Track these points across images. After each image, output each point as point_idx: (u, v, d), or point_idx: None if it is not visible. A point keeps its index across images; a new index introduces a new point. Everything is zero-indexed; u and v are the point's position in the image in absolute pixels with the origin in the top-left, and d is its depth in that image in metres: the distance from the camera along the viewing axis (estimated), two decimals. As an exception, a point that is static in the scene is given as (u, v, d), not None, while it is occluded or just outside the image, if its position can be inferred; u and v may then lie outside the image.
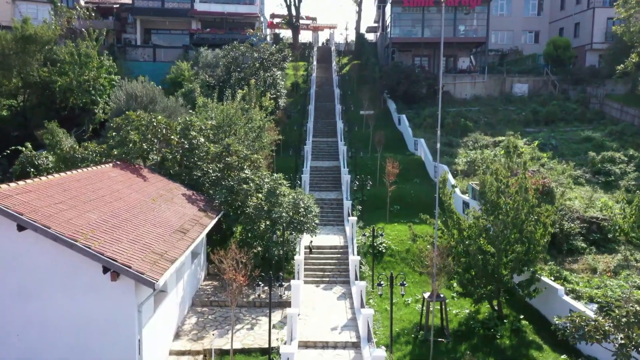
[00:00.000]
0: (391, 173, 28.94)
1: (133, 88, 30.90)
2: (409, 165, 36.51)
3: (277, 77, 41.36)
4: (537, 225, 19.21)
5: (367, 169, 36.97)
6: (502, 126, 42.03)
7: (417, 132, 41.97)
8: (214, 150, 25.33)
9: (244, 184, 23.87)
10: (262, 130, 31.18)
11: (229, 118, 29.93)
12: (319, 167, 37.79)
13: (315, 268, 25.47)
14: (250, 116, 31.08)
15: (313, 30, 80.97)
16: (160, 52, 49.70)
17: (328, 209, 32.24)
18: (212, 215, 22.50)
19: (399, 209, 31.25)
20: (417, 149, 40.22)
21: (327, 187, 35.60)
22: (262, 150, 30.75)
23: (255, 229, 23.69)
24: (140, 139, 24.55)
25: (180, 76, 42.86)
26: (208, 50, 43.99)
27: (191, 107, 35.39)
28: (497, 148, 37.39)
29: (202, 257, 23.56)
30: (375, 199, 32.09)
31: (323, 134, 45.47)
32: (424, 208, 31.46)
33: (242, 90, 35.28)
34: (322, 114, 49.13)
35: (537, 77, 50.29)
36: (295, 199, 23.79)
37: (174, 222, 18.93)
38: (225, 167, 24.81)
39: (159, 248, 15.75)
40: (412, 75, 47.35)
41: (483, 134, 39.89)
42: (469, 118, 42.60)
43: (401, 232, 27.89)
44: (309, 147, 40.40)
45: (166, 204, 20.60)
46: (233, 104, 31.37)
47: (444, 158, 36.00)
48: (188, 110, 33.35)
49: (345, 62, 66.35)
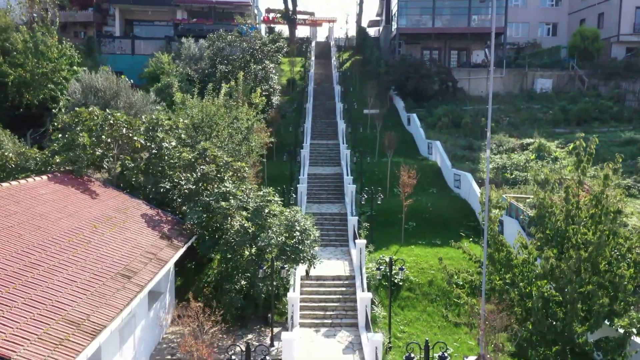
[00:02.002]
0: (407, 184, 23.59)
1: (92, 80, 25.52)
2: (423, 172, 31.05)
3: (270, 70, 36.02)
4: (623, 262, 13.89)
5: (374, 177, 31.64)
6: (527, 126, 36.74)
7: (430, 134, 36.66)
8: (187, 156, 19.97)
9: (222, 200, 18.51)
10: (250, 132, 25.85)
11: (209, 117, 24.59)
12: (318, 174, 32.46)
13: (314, 306, 20.11)
14: (235, 115, 25.75)
15: (311, 25, 75.57)
16: (139, 44, 44.31)
17: (329, 225, 26.89)
18: (180, 243, 17.14)
19: (415, 226, 25.92)
20: (431, 153, 34.91)
21: (328, 199, 30.25)
22: (249, 155, 25.40)
23: (236, 258, 18.36)
24: (92, 142, 19.20)
25: (159, 70, 37.47)
26: (191, 41, 38.58)
27: (168, 105, 30.05)
28: (526, 152, 32.06)
29: (167, 297, 18.17)
30: (386, 213, 26.76)
31: (322, 135, 40.14)
32: (444, 225, 26.18)
33: (227, 84, 29.95)
34: (322, 113, 43.82)
35: (562, 71, 45.03)
36: (289, 220, 18.44)
37: (118, 260, 13.56)
38: (201, 179, 19.45)
39: (79, 311, 10.38)
40: (423, 69, 42.04)
41: (507, 135, 34.58)
42: (489, 117, 37.22)
43: (421, 258, 22.55)
44: (307, 151, 35.05)
45: (113, 231, 15.23)
46: (216, 101, 26.04)
47: (465, 164, 30.67)
48: (163, 107, 28.01)
49: (347, 57, 61.02)
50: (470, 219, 26.60)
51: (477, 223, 26.21)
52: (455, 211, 27.30)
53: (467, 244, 23.88)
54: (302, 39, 68.18)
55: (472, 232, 25.33)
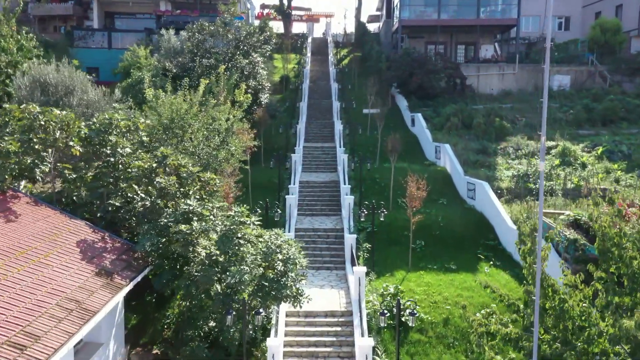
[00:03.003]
0: (416, 197, 19.57)
1: (42, 73, 21.51)
2: (431, 179, 26.88)
3: (258, 64, 32.01)
4: None
5: (375, 186, 27.66)
6: (546, 127, 32.71)
7: (437, 136, 32.68)
8: (142, 165, 15.97)
9: (184, 222, 14.53)
10: (229, 134, 21.89)
11: (180, 117, 20.62)
12: (312, 182, 28.47)
13: (302, 352, 16.11)
14: (211, 114, 21.79)
15: (307, 21, 71.60)
16: (117, 38, 40.27)
17: (323, 244, 22.91)
18: (124, 280, 13.14)
19: (425, 246, 21.94)
20: (439, 158, 30.93)
21: (322, 211, 26.26)
22: (227, 161, 21.43)
23: (201, 297, 14.38)
24: (20, 149, 15.22)
25: (135, 64, 33.49)
26: (171, 33, 34.57)
27: (139, 103, 26.10)
28: (548, 157, 28.04)
29: (111, 348, 14.14)
30: (390, 229, 22.77)
31: (317, 137, 36.16)
32: (459, 244, 22.20)
33: (206, 80, 25.99)
34: (317, 113, 39.84)
35: (580, 67, 41.05)
36: (269, 247, 14.44)
37: (16, 318, 9.57)
38: (159, 194, 15.45)
39: None
40: (428, 64, 38.05)
41: (525, 137, 30.60)
42: (503, 117, 33.31)
43: (433, 287, 18.54)
44: (299, 155, 31.08)
45: (26, 270, 11.24)
46: (192, 97, 22.07)
47: (480, 171, 26.65)
48: (127, 105, 24.03)
49: (345, 53, 57.05)
50: (488, 237, 22.63)
51: (497, 241, 22.27)
52: (470, 227, 23.32)
53: (487, 268, 19.96)
54: (297, 35, 64.39)
55: (492, 253, 21.34)
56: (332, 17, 71.59)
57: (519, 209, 22.86)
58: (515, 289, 18.22)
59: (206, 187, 16.32)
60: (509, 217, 21.92)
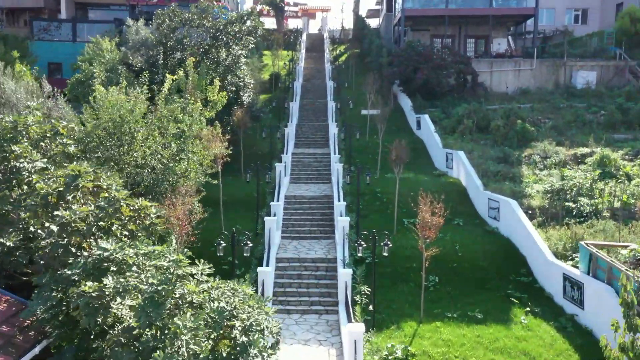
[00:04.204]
0: (431, 225, 14.79)
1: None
2: (442, 193, 22.25)
3: (239, 57, 27.27)
4: None
5: (376, 201, 22.98)
6: (575, 131, 28.10)
7: (448, 141, 27.99)
8: (47, 188, 11.25)
9: (97, 275, 9.83)
10: (187, 141, 17.21)
11: (121, 119, 15.96)
12: (300, 196, 23.76)
13: None
14: (166, 115, 17.13)
15: (303, 16, 66.92)
16: (83, 29, 35.58)
17: (310, 278, 18.24)
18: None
19: (439, 282, 17.22)
20: (450, 167, 26.26)
21: (312, 232, 21.54)
22: (186, 176, 16.75)
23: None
24: None
25: (98, 58, 28.73)
26: (140, 23, 29.84)
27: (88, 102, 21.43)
28: (583, 166, 23.29)
29: None
30: (395, 259, 18.01)
31: (309, 142, 31.52)
32: (482, 280, 17.50)
33: (172, 75, 21.39)
34: (310, 115, 35.22)
35: (607, 61, 36.38)
36: (221, 312, 9.72)
37: None
38: (62, 231, 10.72)
39: None
40: (435, 59, 33.39)
41: (553, 142, 25.88)
42: (524, 119, 28.60)
43: (454, 349, 13.78)
44: (287, 163, 26.45)
45: None
46: (137, 95, 17.38)
47: (504, 185, 21.91)
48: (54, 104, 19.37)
49: (342, 50, 52.36)
50: (519, 270, 17.92)
51: (532, 277, 17.57)
52: (495, 257, 18.62)
53: (524, 317, 15.23)
54: (291, 30, 59.85)
55: (527, 294, 16.61)
56: (328, 12, 66.78)
57: (557, 234, 18.16)
58: (565, 352, 13.52)
59: (141, 218, 11.59)
60: (546, 247, 17.19)
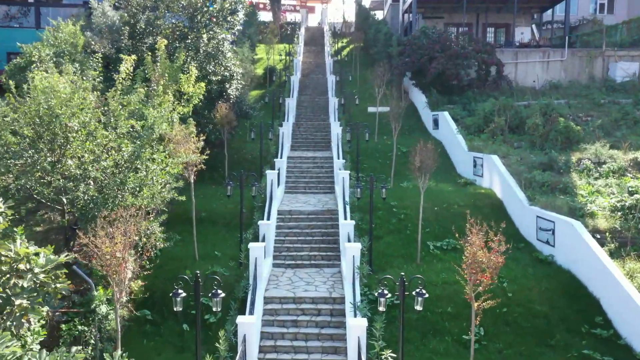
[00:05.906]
0: (487, 266, 10.13)
1: None
2: (470, 207, 17.61)
3: (223, 42, 22.64)
4: None
5: (392, 219, 18.33)
6: (625, 130, 23.51)
7: (474, 143, 23.35)
8: None
9: None
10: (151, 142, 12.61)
11: (51, 111, 11.39)
12: (297, 211, 19.10)
13: None
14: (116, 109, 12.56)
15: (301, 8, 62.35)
16: (46, 14, 31.04)
17: (310, 326, 13.61)
18: None
19: (485, 336, 12.57)
20: (479, 174, 21.65)
21: (312, 258, 16.93)
22: (139, 194, 12.13)
23: None
24: None
25: (60, 45, 24.12)
26: (106, 4, 25.15)
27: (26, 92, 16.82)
28: (648, 174, 18.68)
29: None
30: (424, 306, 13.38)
31: (308, 144, 26.95)
32: (543, 333, 12.84)
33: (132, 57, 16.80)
34: (309, 112, 30.65)
35: (649, 52, 31.85)
36: None
37: None
38: None
39: None
40: (453, 46, 28.73)
41: (607, 144, 21.23)
42: (564, 117, 23.97)
43: None
44: (282, 169, 21.89)
45: None
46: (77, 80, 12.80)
47: (559, 199, 17.15)
48: None
49: (344, 43, 47.73)
50: (592, 319, 13.24)
51: (612, 330, 12.90)
52: (555, 297, 13.95)
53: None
54: (288, 23, 55.34)
55: (611, 354, 11.98)
56: (329, 3, 62.11)
57: (636, 264, 13.54)
58: None
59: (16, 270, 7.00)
60: (632, 287, 12.55)
